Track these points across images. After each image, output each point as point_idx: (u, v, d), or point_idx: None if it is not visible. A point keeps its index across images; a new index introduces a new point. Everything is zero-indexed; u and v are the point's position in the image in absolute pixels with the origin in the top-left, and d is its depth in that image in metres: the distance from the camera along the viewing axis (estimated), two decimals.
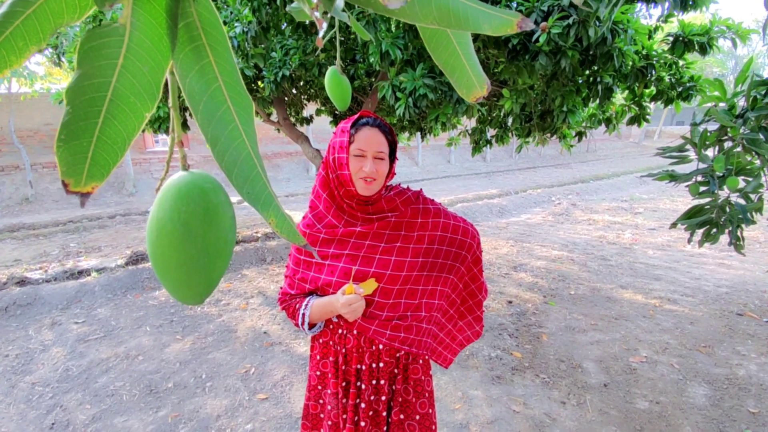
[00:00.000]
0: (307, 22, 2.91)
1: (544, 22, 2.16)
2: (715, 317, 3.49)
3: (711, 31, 2.74)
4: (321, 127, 10.08)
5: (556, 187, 10.90)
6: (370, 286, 1.16)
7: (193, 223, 0.37)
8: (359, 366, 1.22)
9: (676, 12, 2.53)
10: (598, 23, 2.15)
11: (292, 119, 5.20)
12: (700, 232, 2.17)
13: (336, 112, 5.15)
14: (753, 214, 2.02)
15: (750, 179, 1.95)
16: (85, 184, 0.32)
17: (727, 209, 2.06)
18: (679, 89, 3.08)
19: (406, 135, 4.88)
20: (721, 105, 1.92)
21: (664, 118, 25.40)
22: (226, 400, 2.51)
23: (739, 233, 2.09)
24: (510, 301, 3.86)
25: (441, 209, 1.28)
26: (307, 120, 5.53)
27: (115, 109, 0.32)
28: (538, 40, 2.21)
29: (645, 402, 2.43)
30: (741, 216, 1.99)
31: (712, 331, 3.26)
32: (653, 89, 3.21)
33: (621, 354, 2.95)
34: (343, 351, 1.22)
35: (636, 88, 3.20)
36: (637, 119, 3.53)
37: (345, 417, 1.21)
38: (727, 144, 1.94)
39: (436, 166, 14.96)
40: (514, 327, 3.36)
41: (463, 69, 0.51)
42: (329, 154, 1.17)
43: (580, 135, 4.02)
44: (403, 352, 1.23)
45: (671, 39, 2.82)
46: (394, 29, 2.52)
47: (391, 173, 1.19)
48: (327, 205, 1.21)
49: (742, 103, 1.89)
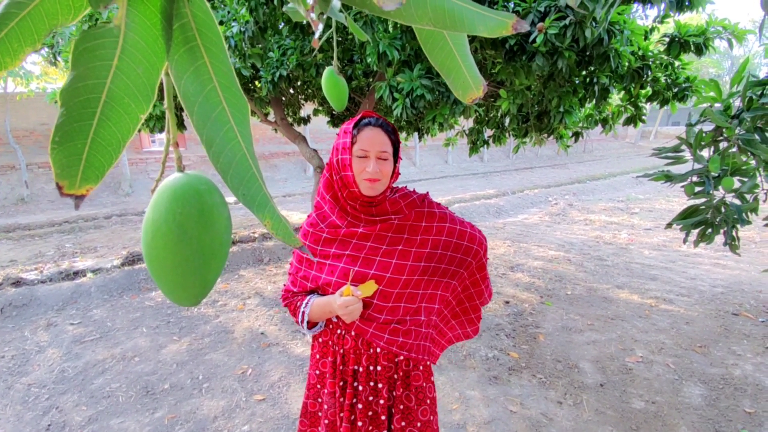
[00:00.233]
0: (304, 22, 2.91)
1: (541, 23, 2.16)
2: (711, 317, 3.50)
3: (707, 32, 2.75)
4: (318, 127, 10.07)
5: (553, 188, 10.93)
6: (369, 288, 1.14)
7: (188, 224, 0.37)
8: (356, 367, 1.21)
9: (672, 13, 2.54)
10: (594, 24, 2.16)
11: (290, 119, 5.20)
12: (695, 233, 2.18)
13: (333, 113, 5.15)
14: (748, 214, 2.02)
15: (745, 179, 1.96)
16: (79, 187, 0.32)
17: (722, 209, 2.07)
18: (675, 90, 3.09)
19: (404, 135, 4.89)
20: (717, 106, 1.93)
21: (660, 119, 25.51)
22: (223, 401, 2.50)
23: (734, 233, 2.10)
24: (507, 302, 3.87)
25: (447, 214, 1.26)
26: (305, 120, 5.53)
27: (109, 110, 0.32)
28: (535, 41, 2.22)
29: (641, 402, 2.44)
30: (736, 216, 2.00)
31: (708, 331, 3.27)
32: (649, 90, 3.22)
33: (617, 354, 2.96)
34: (341, 351, 1.22)
35: (632, 89, 3.21)
36: (633, 120, 3.55)
37: (342, 416, 1.20)
38: (723, 144, 1.95)
39: (434, 167, 14.97)
40: (511, 327, 3.37)
41: (459, 70, 0.51)
42: (333, 156, 1.16)
43: (577, 135, 4.03)
44: (402, 357, 1.21)
45: (667, 40, 2.83)
46: (391, 30, 2.52)
47: (395, 174, 1.17)
48: (331, 206, 1.21)
49: (737, 103, 1.90)
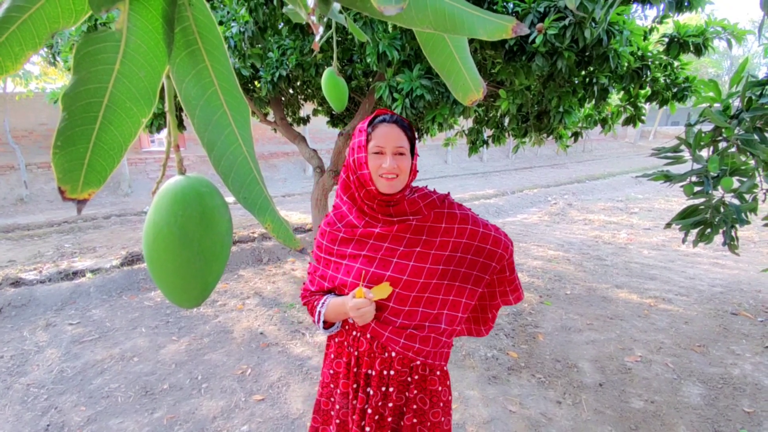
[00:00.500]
0: (304, 22, 2.90)
1: (540, 24, 2.16)
2: (710, 317, 3.51)
3: (706, 32, 2.75)
4: (318, 127, 10.06)
5: (553, 187, 10.94)
6: (383, 290, 1.10)
7: (190, 227, 0.37)
8: (369, 371, 1.18)
9: (672, 13, 2.54)
10: (594, 24, 2.17)
11: (289, 119, 5.19)
12: (694, 232, 2.18)
13: (333, 113, 5.14)
14: (747, 214, 2.03)
15: (744, 179, 1.96)
16: (81, 191, 0.32)
17: (721, 209, 2.07)
18: (674, 90, 3.09)
19: None
20: (716, 106, 1.93)
21: (659, 119, 25.52)
22: (222, 402, 2.50)
23: (733, 233, 2.10)
24: None
25: (469, 215, 1.21)
26: (304, 120, 5.53)
27: (111, 114, 0.32)
28: (534, 42, 2.22)
29: (640, 401, 2.45)
30: (735, 216, 2.00)
31: (707, 330, 3.28)
32: (648, 90, 3.22)
33: (616, 353, 2.96)
34: (356, 354, 1.20)
35: (631, 89, 3.21)
36: (633, 120, 3.55)
37: (354, 417, 1.19)
38: (722, 144, 1.95)
39: (433, 167, 14.97)
40: (511, 327, 3.37)
41: (459, 72, 0.51)
42: (349, 156, 1.15)
43: (576, 135, 4.04)
44: (419, 362, 1.18)
45: (666, 40, 2.84)
46: (391, 30, 2.52)
47: (413, 171, 1.14)
48: (348, 207, 1.20)
49: (736, 103, 1.90)
